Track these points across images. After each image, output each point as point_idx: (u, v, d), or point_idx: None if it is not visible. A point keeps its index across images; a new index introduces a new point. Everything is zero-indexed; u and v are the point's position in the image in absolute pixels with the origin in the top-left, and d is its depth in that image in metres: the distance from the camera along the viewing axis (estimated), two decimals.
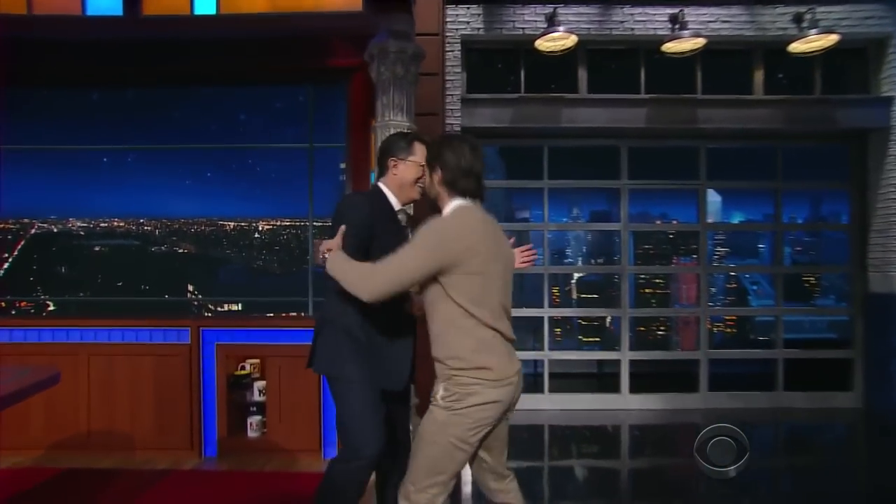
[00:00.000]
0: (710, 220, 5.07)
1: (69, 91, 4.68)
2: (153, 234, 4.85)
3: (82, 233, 4.87)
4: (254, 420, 3.04)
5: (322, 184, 4.80)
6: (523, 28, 4.67)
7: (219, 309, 4.72)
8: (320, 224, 4.66)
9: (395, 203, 1.98)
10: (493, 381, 1.65)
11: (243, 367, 3.00)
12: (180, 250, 4.83)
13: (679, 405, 4.86)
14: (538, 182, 5.01)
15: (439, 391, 1.68)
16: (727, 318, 6.06)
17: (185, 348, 2.99)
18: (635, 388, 4.97)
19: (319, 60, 4.53)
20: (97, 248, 4.87)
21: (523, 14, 4.67)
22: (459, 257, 1.60)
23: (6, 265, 4.67)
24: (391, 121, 2.88)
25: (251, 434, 3.04)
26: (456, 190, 1.73)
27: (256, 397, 3.04)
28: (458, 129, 4.61)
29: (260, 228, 4.89)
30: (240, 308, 4.70)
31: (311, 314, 4.45)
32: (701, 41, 4.33)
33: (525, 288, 6.09)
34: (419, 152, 1.95)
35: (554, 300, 5.65)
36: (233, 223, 4.94)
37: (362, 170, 4.52)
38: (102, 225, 4.80)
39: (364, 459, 1.78)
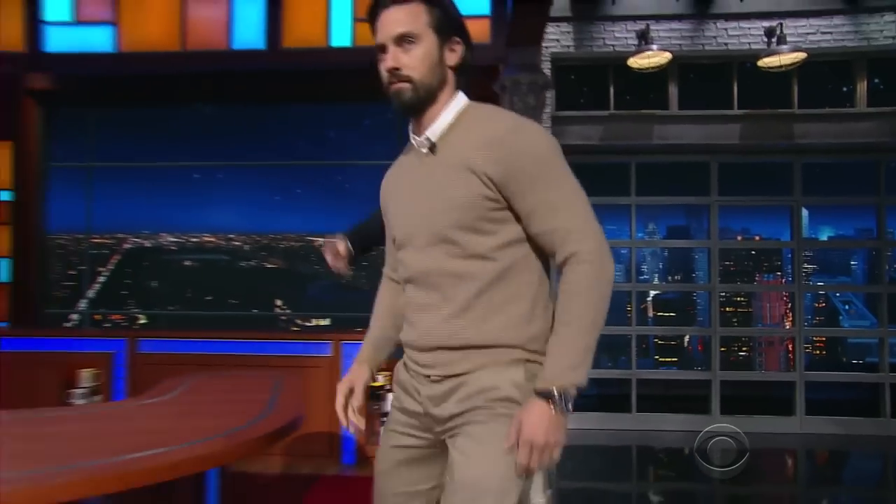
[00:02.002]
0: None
1: (163, 111, 5.23)
2: (242, 249, 5.32)
3: (173, 247, 5.36)
4: None
5: None
6: (613, 45, 4.97)
7: (306, 324, 5.18)
8: None
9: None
10: None
11: (376, 379, 3.38)
12: (269, 265, 5.31)
13: (775, 429, 4.96)
14: (625, 199, 5.24)
15: (510, 389, 1.14)
16: (816, 339, 6.31)
17: (327, 360, 3.40)
18: (725, 410, 5.12)
19: None
20: (187, 263, 5.36)
21: (613, 31, 5.02)
22: None
23: (102, 279, 5.20)
24: None
25: None
26: (465, 79, 1.26)
27: (388, 408, 3.40)
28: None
29: None
30: (328, 323, 5.15)
31: None
32: (801, 55, 4.46)
33: None
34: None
35: (628, 318, 6.00)
36: (321, 239, 5.40)
37: None
38: (193, 240, 5.28)
39: None
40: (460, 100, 1.23)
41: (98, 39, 3.49)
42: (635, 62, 4.71)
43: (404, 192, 1.28)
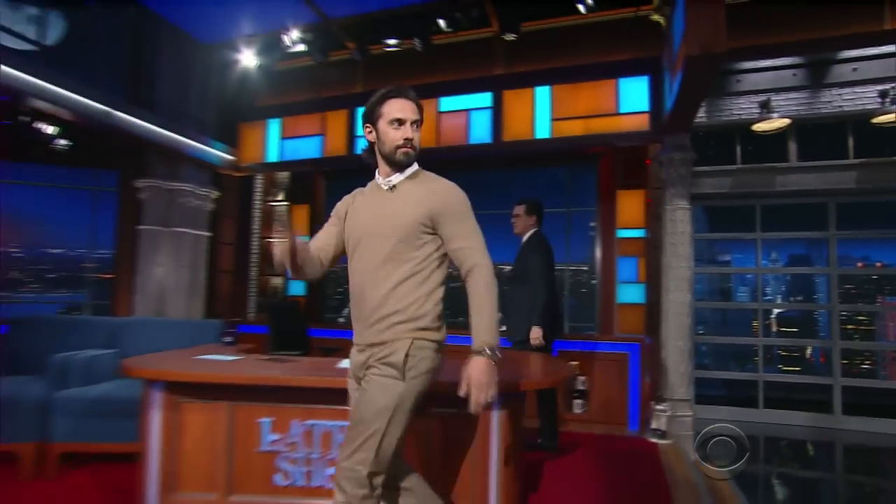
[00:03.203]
0: None
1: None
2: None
3: None
4: (578, 402, 4.68)
5: (575, 237, 6.42)
6: (739, 114, 5.60)
7: None
8: (575, 268, 6.29)
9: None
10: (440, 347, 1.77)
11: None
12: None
13: (894, 430, 5.26)
14: (751, 234, 5.97)
15: (396, 357, 1.67)
16: None
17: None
18: (847, 412, 5.49)
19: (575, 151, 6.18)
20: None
21: (739, 102, 5.81)
22: None
23: None
24: (678, 206, 4.38)
25: (576, 410, 4.68)
26: None
27: (579, 387, 4.70)
28: (690, 195, 5.92)
29: None
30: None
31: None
32: None
33: (731, 320, 7.12)
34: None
35: (753, 333, 6.58)
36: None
37: (608, 228, 5.73)
38: None
39: None
40: (416, 165, 1.85)
41: None
42: (759, 127, 5.49)
43: (368, 211, 1.81)
